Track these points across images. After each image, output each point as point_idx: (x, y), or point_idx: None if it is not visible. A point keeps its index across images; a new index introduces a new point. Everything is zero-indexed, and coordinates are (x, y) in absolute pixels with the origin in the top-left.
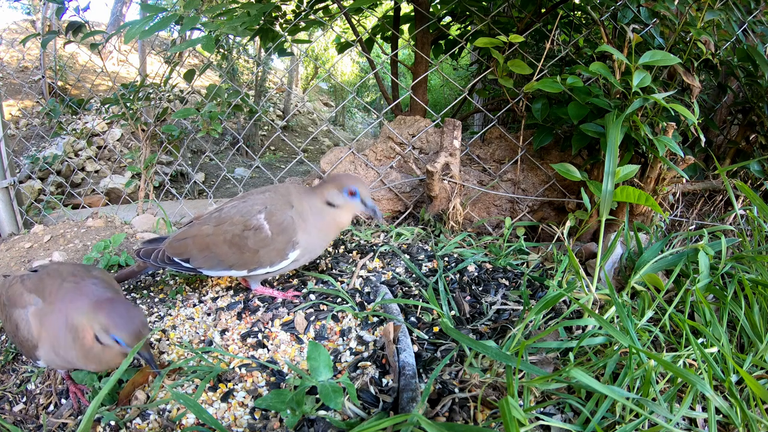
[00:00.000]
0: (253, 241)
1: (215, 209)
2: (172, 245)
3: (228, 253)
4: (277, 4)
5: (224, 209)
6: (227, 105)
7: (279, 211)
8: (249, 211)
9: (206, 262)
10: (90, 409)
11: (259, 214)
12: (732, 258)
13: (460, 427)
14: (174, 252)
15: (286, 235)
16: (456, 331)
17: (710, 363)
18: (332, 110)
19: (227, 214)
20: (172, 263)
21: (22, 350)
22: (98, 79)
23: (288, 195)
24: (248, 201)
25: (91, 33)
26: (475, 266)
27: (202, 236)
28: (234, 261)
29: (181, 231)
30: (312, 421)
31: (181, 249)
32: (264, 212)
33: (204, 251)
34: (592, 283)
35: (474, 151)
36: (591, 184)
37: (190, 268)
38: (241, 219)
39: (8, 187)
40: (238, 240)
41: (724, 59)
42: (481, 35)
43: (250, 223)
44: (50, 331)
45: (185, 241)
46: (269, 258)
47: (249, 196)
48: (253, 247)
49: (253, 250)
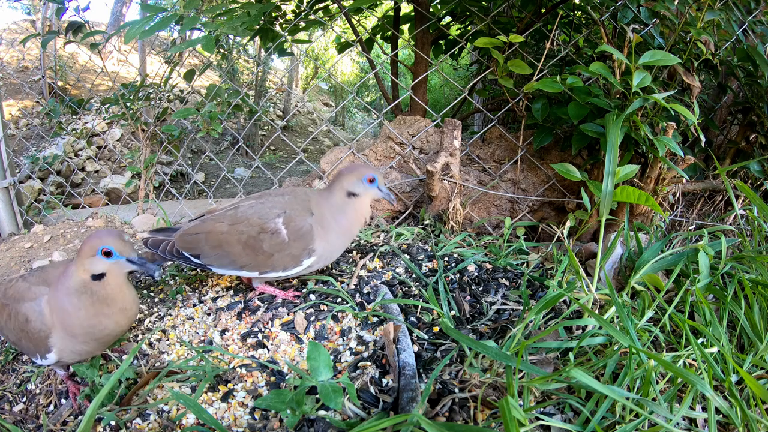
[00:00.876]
0: (268, 245)
1: (231, 206)
2: (183, 239)
3: (241, 253)
4: (277, 4)
5: (240, 207)
6: (227, 105)
7: (298, 217)
8: (267, 214)
9: (218, 260)
10: (90, 409)
11: (277, 218)
12: (732, 258)
13: (460, 427)
14: (185, 246)
15: (303, 241)
16: (456, 331)
17: (710, 363)
18: (332, 110)
19: (244, 214)
20: (181, 257)
21: (29, 347)
22: (98, 79)
23: (308, 201)
24: (266, 203)
25: (91, 33)
26: (475, 266)
27: (216, 233)
28: (246, 262)
29: (193, 225)
30: (312, 421)
31: (193, 244)
32: (283, 216)
33: (216, 249)
34: (592, 283)
35: (474, 151)
36: (591, 184)
37: (199, 263)
38: (258, 221)
39: (8, 187)
40: (253, 242)
41: (724, 59)
42: (481, 35)
43: (267, 226)
44: (58, 310)
45: (197, 236)
46: (283, 263)
47: (266, 197)
48: (267, 250)
49: (268, 253)
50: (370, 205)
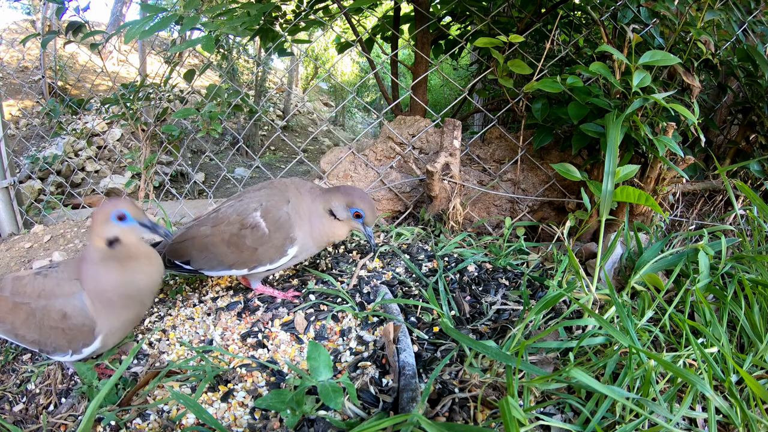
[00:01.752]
0: (250, 240)
1: (213, 210)
2: (172, 248)
3: (227, 252)
4: (277, 4)
5: (221, 209)
6: (227, 105)
7: (275, 207)
8: (245, 210)
9: (207, 262)
10: (90, 409)
11: (255, 212)
12: (732, 258)
13: (460, 427)
14: (174, 255)
15: (283, 231)
16: (456, 331)
17: (710, 363)
18: (332, 110)
19: (224, 214)
20: (174, 266)
21: (61, 343)
22: (98, 79)
23: (285, 191)
24: (244, 199)
25: (91, 33)
26: (475, 266)
27: (201, 237)
28: (234, 260)
29: (180, 233)
30: (312, 421)
31: (182, 251)
32: (260, 209)
33: (203, 252)
34: (592, 283)
35: (474, 151)
36: (591, 184)
37: (191, 269)
38: (237, 218)
39: (8, 187)
40: (236, 239)
41: (724, 59)
42: (481, 35)
43: (246, 222)
44: (90, 280)
45: (184, 244)
46: (268, 255)
47: (245, 195)
48: (251, 245)
49: (252, 248)
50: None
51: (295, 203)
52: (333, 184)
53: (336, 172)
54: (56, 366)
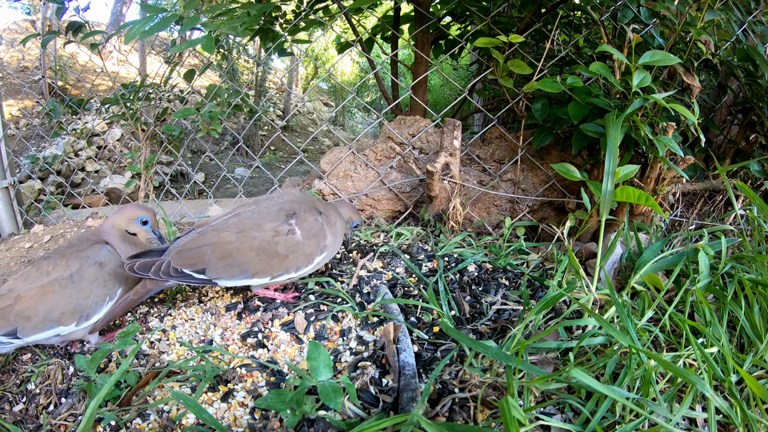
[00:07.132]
0: (283, 247)
1: (228, 215)
2: (181, 255)
3: (255, 260)
4: (277, 4)
5: (243, 214)
6: (227, 105)
7: (310, 216)
8: (277, 217)
9: (227, 270)
10: (90, 409)
11: (290, 219)
12: (732, 258)
13: (460, 427)
14: (185, 263)
15: (316, 239)
16: (456, 331)
17: (710, 363)
18: (332, 110)
19: (251, 220)
20: (181, 275)
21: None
22: (98, 79)
23: (313, 201)
24: (271, 207)
25: (91, 33)
26: (475, 266)
27: (223, 244)
28: (260, 268)
29: (190, 240)
30: (312, 421)
31: (195, 259)
32: (295, 218)
33: (226, 259)
34: (592, 283)
35: (474, 151)
36: (591, 184)
37: (204, 279)
38: (271, 224)
39: (8, 187)
40: (267, 246)
41: (724, 59)
42: (481, 35)
43: (281, 229)
44: None
45: (200, 250)
46: (296, 263)
47: (266, 201)
48: (282, 252)
49: (283, 255)
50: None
51: (325, 213)
52: (333, 184)
53: (336, 171)
54: (56, 366)
